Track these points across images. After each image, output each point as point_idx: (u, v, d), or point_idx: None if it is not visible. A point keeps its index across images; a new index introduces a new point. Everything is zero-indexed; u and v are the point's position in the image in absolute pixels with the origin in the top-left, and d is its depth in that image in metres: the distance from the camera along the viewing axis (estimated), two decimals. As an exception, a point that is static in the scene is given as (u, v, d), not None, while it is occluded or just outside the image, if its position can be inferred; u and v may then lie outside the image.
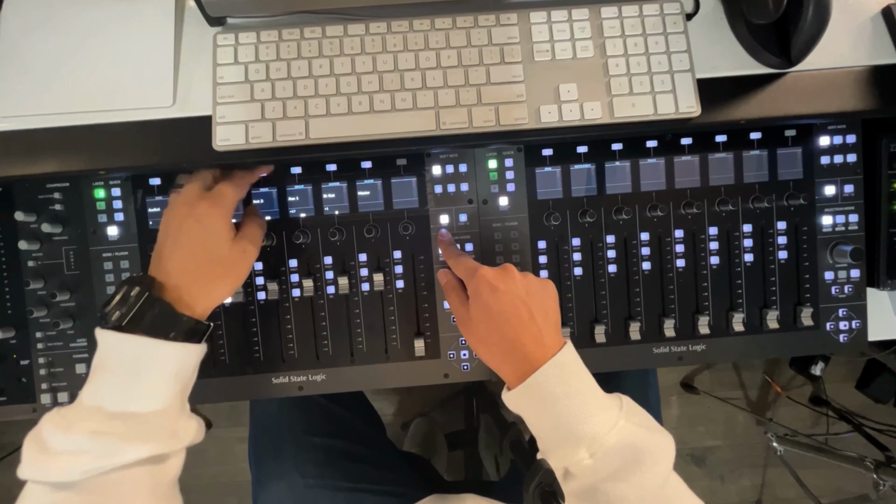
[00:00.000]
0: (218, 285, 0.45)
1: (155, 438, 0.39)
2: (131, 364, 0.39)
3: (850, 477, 1.08)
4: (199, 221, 0.44)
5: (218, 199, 0.46)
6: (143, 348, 0.40)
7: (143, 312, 0.40)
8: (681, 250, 0.55)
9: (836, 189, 0.55)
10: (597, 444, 0.38)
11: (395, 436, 1.25)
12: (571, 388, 0.41)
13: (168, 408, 0.41)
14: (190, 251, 0.44)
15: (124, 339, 0.39)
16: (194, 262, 0.44)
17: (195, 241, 0.44)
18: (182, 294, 0.42)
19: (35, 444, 0.37)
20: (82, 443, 0.36)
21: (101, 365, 0.40)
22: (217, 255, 0.45)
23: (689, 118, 0.48)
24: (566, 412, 0.40)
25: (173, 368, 0.41)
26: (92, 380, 0.40)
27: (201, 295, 0.44)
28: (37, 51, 0.49)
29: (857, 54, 0.49)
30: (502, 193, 0.55)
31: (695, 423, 1.34)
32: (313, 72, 0.48)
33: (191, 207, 0.45)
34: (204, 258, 0.44)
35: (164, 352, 0.41)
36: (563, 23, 0.49)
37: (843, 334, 0.56)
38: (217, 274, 0.45)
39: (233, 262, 0.46)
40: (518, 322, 0.42)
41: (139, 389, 0.39)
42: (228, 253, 0.45)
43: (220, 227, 0.45)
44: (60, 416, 0.38)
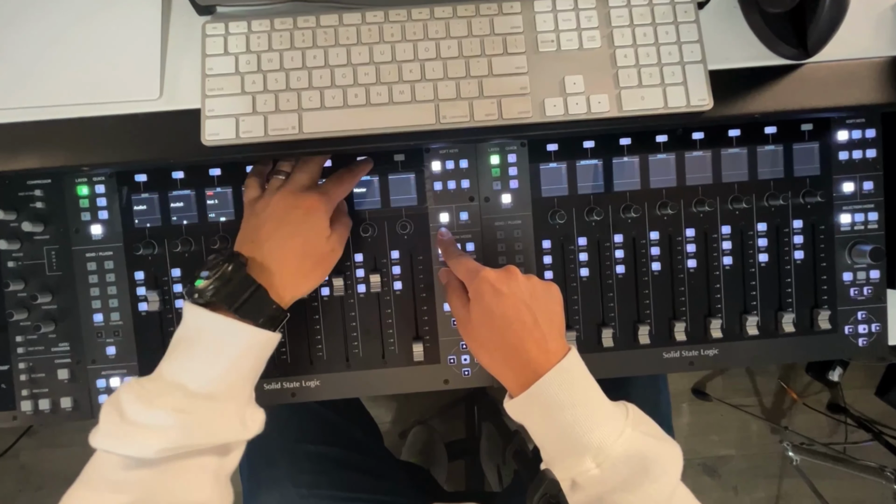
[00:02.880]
0: (309, 279, 0.48)
1: (229, 426, 0.41)
2: (219, 345, 0.41)
3: (870, 488, 1.08)
4: (307, 213, 0.47)
5: (327, 195, 0.48)
6: (234, 331, 0.41)
7: (239, 293, 0.41)
8: (692, 250, 0.55)
9: (854, 186, 0.55)
10: (603, 455, 0.38)
11: (393, 444, 1.25)
12: (576, 396, 0.41)
13: (244, 395, 0.43)
14: (292, 240, 0.46)
15: (217, 320, 0.41)
16: (293, 252, 0.46)
17: (299, 232, 0.46)
18: (275, 281, 0.44)
19: (115, 413, 0.38)
20: (164, 419, 0.38)
21: (187, 340, 0.41)
22: (315, 250, 0.47)
23: (701, 111, 0.48)
24: (571, 421, 0.40)
25: (257, 355, 0.43)
26: (175, 355, 0.41)
27: (292, 285, 0.46)
28: (16, 40, 0.49)
29: (877, 45, 0.49)
30: (505, 191, 0.55)
31: (707, 431, 1.34)
32: (307, 63, 0.48)
33: (299, 198, 0.47)
34: (303, 250, 0.46)
35: (254, 337, 0.42)
36: (569, 11, 0.49)
37: (862, 338, 0.56)
38: (310, 268, 0.47)
39: (325, 259, 0.49)
40: (521, 327, 0.42)
41: (223, 372, 0.41)
42: (324, 249, 0.48)
43: (323, 222, 0.48)
44: (141, 387, 0.39)
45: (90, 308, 0.54)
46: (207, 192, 0.54)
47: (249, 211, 0.49)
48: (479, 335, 0.45)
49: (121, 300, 0.54)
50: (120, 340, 0.55)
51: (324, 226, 0.48)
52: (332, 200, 0.49)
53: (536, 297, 0.44)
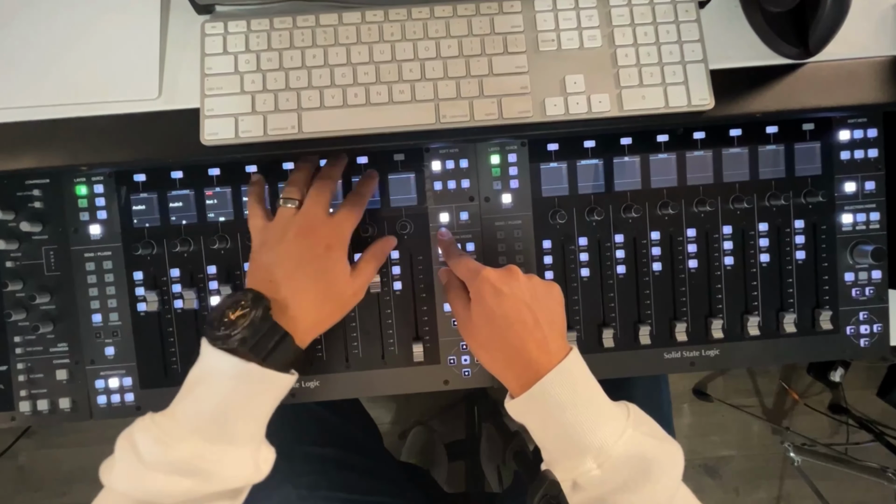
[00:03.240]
0: (326, 320, 0.46)
1: (244, 471, 0.40)
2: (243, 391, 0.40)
3: (872, 489, 1.08)
4: (328, 252, 0.45)
5: (338, 229, 0.47)
6: (259, 379, 0.40)
7: (267, 343, 0.40)
8: (693, 250, 0.55)
9: (856, 186, 0.55)
10: (604, 455, 0.38)
11: (393, 445, 1.25)
12: (577, 396, 0.41)
13: (259, 438, 0.42)
14: (315, 284, 0.44)
15: (242, 368, 0.39)
16: (316, 296, 0.44)
17: (320, 275, 0.44)
18: (298, 326, 0.43)
19: (132, 454, 0.38)
20: (183, 466, 0.37)
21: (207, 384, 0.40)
22: (338, 294, 0.46)
23: (702, 111, 0.48)
24: (572, 422, 0.40)
25: (276, 397, 0.42)
26: (194, 397, 0.40)
27: (312, 327, 0.44)
28: (14, 40, 0.49)
29: (879, 44, 0.49)
30: (505, 190, 0.55)
31: (708, 432, 1.34)
32: (306, 62, 0.48)
33: (314, 232, 0.45)
34: (325, 294, 0.45)
35: (276, 384, 0.41)
36: (570, 11, 0.49)
37: (863, 339, 0.56)
38: (330, 312, 0.46)
39: (347, 303, 0.47)
40: (522, 328, 0.42)
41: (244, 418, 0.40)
42: (343, 290, 0.46)
43: (344, 261, 0.46)
44: (159, 429, 0.38)
45: (89, 308, 0.54)
46: (206, 191, 0.54)
47: (259, 241, 0.47)
48: (479, 335, 0.45)
49: (119, 300, 0.54)
50: (119, 341, 0.55)
51: (344, 265, 0.46)
52: (348, 234, 0.48)
53: (537, 297, 0.44)
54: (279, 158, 0.54)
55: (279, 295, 0.43)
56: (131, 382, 0.55)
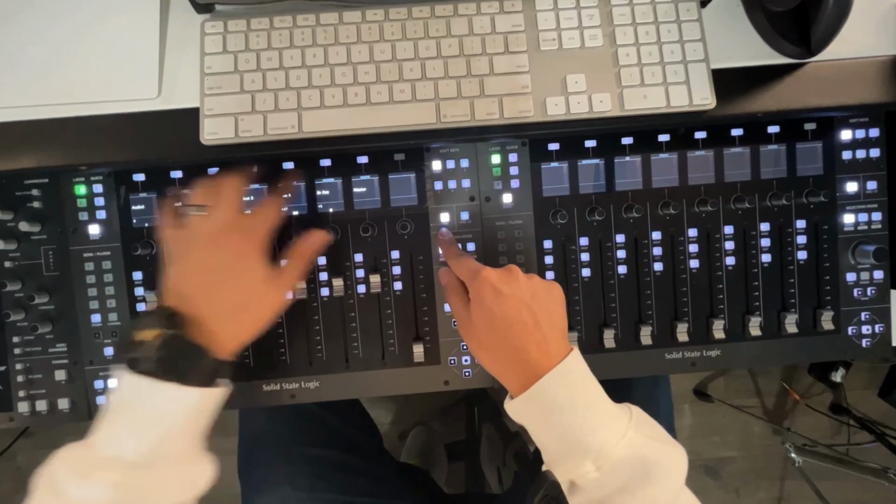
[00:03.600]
0: (249, 328, 0.44)
1: (172, 491, 0.39)
2: (164, 413, 0.39)
3: (873, 490, 1.08)
4: (236, 258, 0.43)
5: (252, 233, 0.44)
6: (180, 397, 0.39)
7: (178, 357, 0.39)
8: (694, 250, 0.55)
9: (858, 186, 0.55)
10: (603, 457, 0.38)
11: (393, 446, 1.25)
12: (577, 397, 0.41)
13: (191, 453, 0.41)
14: (225, 291, 0.42)
15: (157, 387, 0.38)
16: (229, 303, 0.42)
17: (231, 281, 0.43)
18: (216, 337, 0.41)
19: (50, 492, 0.36)
20: (103, 495, 0.36)
21: (123, 409, 0.39)
22: (251, 298, 0.44)
23: (704, 111, 0.48)
24: (571, 423, 0.40)
25: (203, 414, 0.41)
26: (112, 423, 0.39)
27: (233, 337, 0.43)
28: (13, 39, 0.49)
29: (881, 43, 0.49)
30: (506, 190, 0.55)
31: (709, 432, 1.34)
32: (306, 61, 0.48)
33: (225, 239, 0.43)
34: (239, 300, 0.43)
35: (197, 399, 0.40)
36: (571, 10, 0.49)
37: (865, 339, 0.56)
38: (250, 317, 0.44)
39: (266, 307, 0.45)
40: (522, 328, 0.42)
41: (168, 439, 0.39)
42: (263, 296, 0.44)
43: (257, 265, 0.44)
44: (77, 460, 0.37)
45: (88, 308, 0.54)
46: (206, 191, 0.54)
47: (168, 250, 0.45)
48: (479, 336, 0.45)
49: (119, 300, 0.54)
50: (118, 341, 0.55)
51: (261, 271, 0.44)
52: (263, 236, 0.45)
53: (538, 298, 0.44)
54: (279, 158, 0.54)
55: (193, 309, 0.41)
56: (130, 383, 0.55)
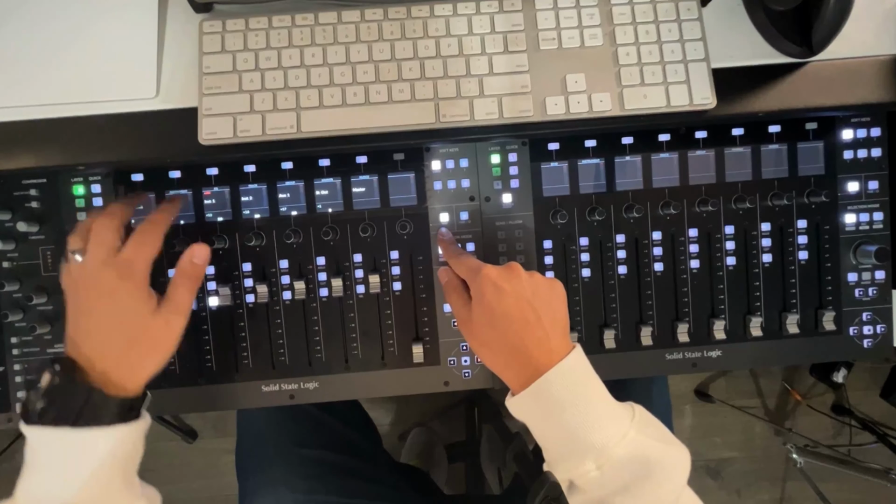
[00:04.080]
0: (145, 362, 0.43)
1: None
2: (66, 460, 0.38)
3: (875, 491, 1.08)
4: (110, 297, 0.42)
5: (125, 268, 0.42)
6: (76, 442, 0.38)
7: (72, 404, 0.39)
8: (695, 250, 0.55)
9: (859, 185, 0.55)
10: (605, 456, 0.38)
11: (392, 447, 1.25)
12: (579, 395, 0.40)
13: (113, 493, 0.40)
14: (107, 332, 0.42)
15: (55, 435, 0.38)
16: (114, 343, 0.42)
17: (111, 320, 0.42)
18: (110, 376, 0.41)
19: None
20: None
21: (33, 462, 0.39)
22: (138, 333, 0.42)
23: (704, 110, 0.48)
24: (573, 421, 0.39)
25: (114, 453, 0.40)
26: (25, 476, 0.39)
27: (129, 375, 0.42)
28: (11, 38, 0.49)
29: (883, 43, 0.49)
30: (506, 190, 0.55)
31: (710, 433, 1.34)
32: (305, 61, 0.48)
33: (96, 280, 0.42)
34: (123, 338, 0.42)
35: (101, 440, 0.39)
36: (571, 9, 0.49)
37: (867, 339, 0.56)
38: (142, 352, 0.43)
39: (157, 338, 0.43)
40: (524, 325, 0.42)
41: (79, 484, 0.38)
42: (150, 327, 0.43)
43: (134, 300, 0.42)
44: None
45: (86, 309, 0.54)
46: (205, 191, 0.54)
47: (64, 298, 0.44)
48: (480, 334, 0.44)
49: (117, 301, 0.54)
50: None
51: (141, 302, 0.42)
52: (138, 271, 0.43)
53: (539, 295, 0.44)
54: (278, 158, 0.54)
55: (82, 352, 0.41)
56: (129, 384, 0.55)
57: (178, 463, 1.28)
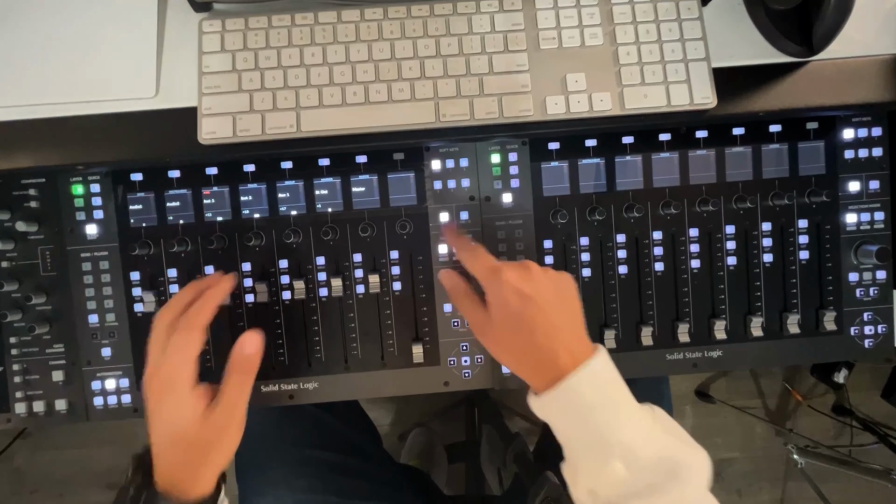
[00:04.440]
0: (204, 468, 0.42)
1: None
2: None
3: (876, 491, 1.08)
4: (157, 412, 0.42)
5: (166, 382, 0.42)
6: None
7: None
8: (696, 250, 0.55)
9: (860, 185, 0.55)
10: (632, 456, 0.38)
11: (392, 447, 1.25)
12: (605, 396, 0.40)
13: None
14: (163, 442, 0.42)
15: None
16: (170, 453, 0.42)
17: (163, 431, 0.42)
18: (174, 483, 0.41)
19: None
20: None
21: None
22: (190, 441, 0.41)
23: (705, 110, 0.48)
24: (599, 422, 0.39)
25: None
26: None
27: (190, 481, 0.42)
28: (10, 37, 0.49)
29: (883, 42, 0.49)
30: (506, 190, 0.55)
31: (710, 433, 1.34)
32: (305, 60, 0.48)
33: (146, 395, 0.42)
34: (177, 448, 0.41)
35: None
36: (571, 8, 0.49)
37: (868, 339, 0.56)
38: (197, 459, 0.42)
39: (212, 442, 0.42)
40: (550, 330, 0.42)
41: None
42: (201, 434, 0.41)
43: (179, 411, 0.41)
44: None
45: (85, 309, 0.54)
46: (204, 191, 0.54)
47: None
48: (502, 339, 0.44)
49: (116, 301, 0.54)
50: (115, 342, 0.55)
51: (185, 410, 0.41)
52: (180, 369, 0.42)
53: (560, 294, 0.43)
54: (277, 158, 0.54)
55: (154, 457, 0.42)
56: (128, 384, 0.55)
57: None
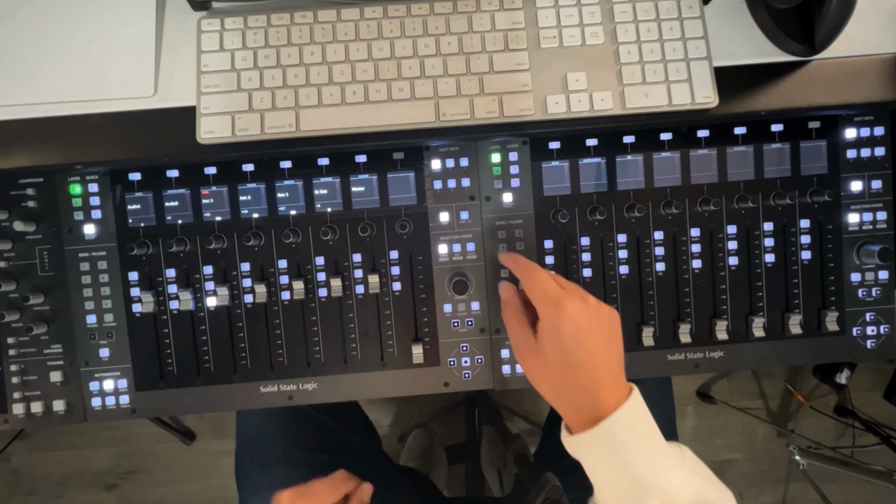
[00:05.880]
0: None
1: None
2: None
3: (878, 492, 1.08)
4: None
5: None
6: None
7: None
8: (697, 250, 0.55)
9: (862, 185, 0.55)
10: (668, 499, 0.39)
11: (392, 448, 1.25)
12: (643, 438, 0.41)
13: None
14: None
15: None
16: None
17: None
18: None
19: None
20: None
21: None
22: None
23: (706, 109, 0.48)
24: (635, 464, 0.40)
25: None
26: None
27: None
28: (8, 37, 0.49)
29: (886, 41, 0.49)
30: (506, 189, 0.55)
31: (712, 434, 1.34)
32: (304, 59, 0.48)
33: None
34: None
35: None
36: (572, 7, 0.49)
37: (870, 340, 0.56)
38: None
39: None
40: (596, 370, 0.41)
41: None
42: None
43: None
44: None
45: (83, 309, 0.54)
46: (203, 190, 0.54)
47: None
48: (547, 369, 0.43)
49: (114, 301, 0.54)
50: (113, 342, 0.55)
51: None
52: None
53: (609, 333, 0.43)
54: (277, 157, 0.54)
55: None
56: (126, 384, 0.55)
57: (175, 465, 1.28)
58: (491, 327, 0.55)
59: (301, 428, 0.63)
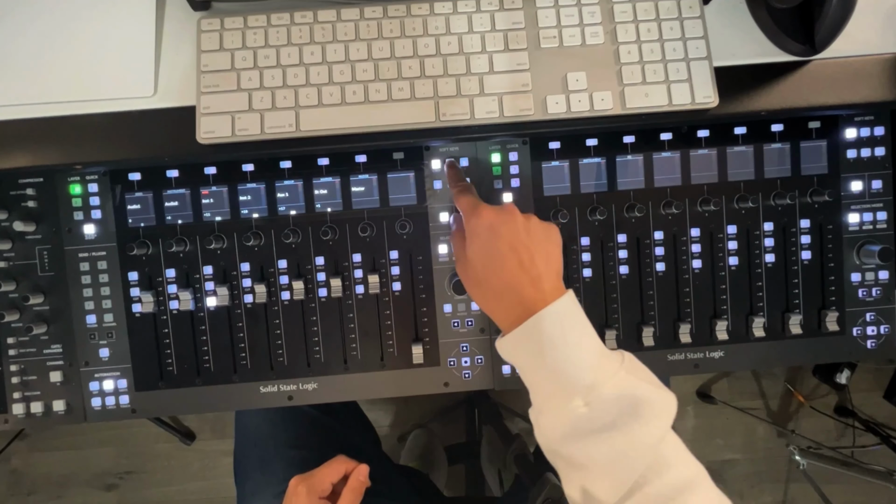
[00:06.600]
0: None
1: None
2: None
3: (878, 493, 1.08)
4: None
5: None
6: None
7: None
8: (697, 250, 0.55)
9: (863, 185, 0.55)
10: (594, 394, 0.38)
11: (392, 449, 1.25)
12: (570, 335, 0.40)
13: None
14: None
15: None
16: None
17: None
18: None
19: None
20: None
21: None
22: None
23: (706, 109, 0.48)
24: (563, 359, 0.39)
25: None
26: None
27: None
28: (8, 36, 0.49)
29: (886, 41, 0.49)
30: (506, 189, 0.55)
31: (712, 435, 1.34)
32: (304, 59, 0.48)
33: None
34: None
35: None
36: (572, 7, 0.49)
37: (870, 340, 0.56)
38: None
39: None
40: (517, 265, 0.42)
41: None
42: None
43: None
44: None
45: (83, 309, 0.54)
46: (203, 190, 0.54)
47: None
48: (474, 272, 0.44)
49: (114, 301, 0.54)
50: (113, 342, 0.55)
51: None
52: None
53: (533, 237, 0.44)
54: (276, 157, 0.54)
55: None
56: (126, 385, 0.55)
57: (175, 465, 1.28)
58: (491, 327, 0.55)
59: (300, 428, 0.63)
